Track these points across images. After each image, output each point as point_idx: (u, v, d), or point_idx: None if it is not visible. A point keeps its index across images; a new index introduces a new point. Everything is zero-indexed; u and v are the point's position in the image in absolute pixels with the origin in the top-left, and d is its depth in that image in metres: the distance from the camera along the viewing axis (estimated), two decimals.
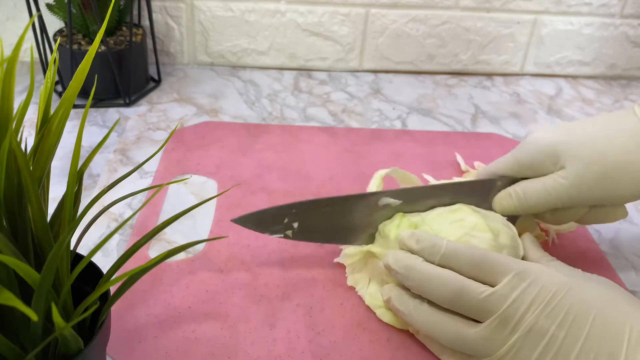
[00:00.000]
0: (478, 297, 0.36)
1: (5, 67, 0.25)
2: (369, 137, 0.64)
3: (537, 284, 0.35)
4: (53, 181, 0.34)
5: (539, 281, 0.35)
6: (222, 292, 0.44)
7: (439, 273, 0.38)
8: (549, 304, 0.34)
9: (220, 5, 0.74)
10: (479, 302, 0.36)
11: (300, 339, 0.41)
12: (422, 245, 0.39)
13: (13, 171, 0.27)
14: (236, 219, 0.44)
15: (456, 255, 0.38)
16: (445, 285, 0.37)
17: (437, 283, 0.37)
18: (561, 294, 0.35)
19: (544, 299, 0.35)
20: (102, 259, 0.46)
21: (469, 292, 0.36)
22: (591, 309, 0.34)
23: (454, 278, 0.37)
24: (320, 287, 0.45)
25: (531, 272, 0.36)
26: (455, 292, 0.36)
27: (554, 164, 0.43)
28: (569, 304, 0.34)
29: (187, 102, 0.69)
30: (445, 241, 0.39)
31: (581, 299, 0.35)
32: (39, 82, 0.70)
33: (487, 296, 0.35)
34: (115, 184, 0.34)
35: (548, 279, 0.36)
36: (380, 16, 0.75)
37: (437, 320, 0.38)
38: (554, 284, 0.35)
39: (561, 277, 0.36)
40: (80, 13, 0.64)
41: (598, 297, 0.35)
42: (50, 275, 0.26)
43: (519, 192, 0.44)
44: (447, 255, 0.38)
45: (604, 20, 0.79)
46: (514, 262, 0.37)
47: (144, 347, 0.39)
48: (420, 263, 0.39)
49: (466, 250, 0.38)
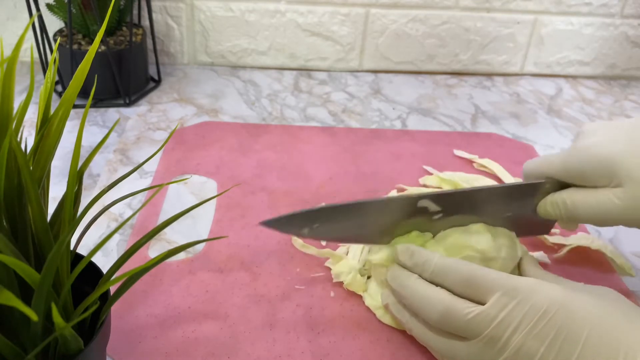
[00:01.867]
0: (464, 317, 0.35)
1: (5, 67, 0.25)
2: (369, 137, 0.64)
3: (526, 303, 0.34)
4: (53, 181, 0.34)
5: (528, 299, 0.34)
6: (222, 292, 0.44)
7: (427, 293, 0.37)
8: (537, 324, 0.33)
9: (220, 5, 0.74)
10: (465, 322, 0.35)
11: (300, 339, 0.41)
12: (415, 261, 0.39)
13: (13, 171, 0.27)
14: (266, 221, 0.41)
15: (445, 272, 0.37)
16: (433, 306, 0.36)
17: (426, 302, 0.37)
18: (551, 312, 0.33)
19: (532, 319, 0.33)
20: (102, 259, 0.46)
21: (455, 312, 0.35)
22: (583, 328, 0.32)
23: (441, 298, 0.36)
24: (320, 287, 0.45)
25: (520, 290, 0.34)
26: (442, 312, 0.36)
27: (608, 179, 0.38)
28: (559, 323, 0.33)
29: (187, 102, 0.69)
30: (436, 257, 0.38)
31: (573, 318, 0.33)
32: (39, 82, 0.70)
33: (474, 317, 0.35)
34: (115, 184, 0.34)
35: (538, 296, 0.34)
36: (380, 16, 0.76)
37: (429, 333, 0.38)
38: (544, 302, 0.33)
39: (553, 294, 0.34)
40: (80, 13, 0.64)
41: (592, 316, 0.33)
42: (50, 275, 0.26)
43: (568, 203, 0.40)
44: (436, 272, 0.37)
45: (604, 20, 0.79)
46: (503, 279, 0.35)
47: (144, 347, 0.39)
48: (413, 281, 0.38)
49: (455, 267, 0.37)
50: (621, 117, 0.74)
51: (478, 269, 0.37)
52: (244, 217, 0.51)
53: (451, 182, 0.54)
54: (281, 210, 0.52)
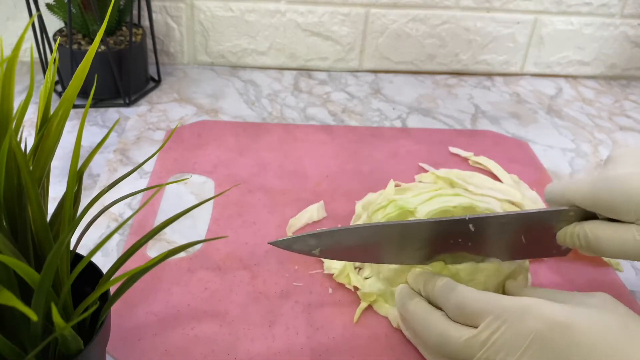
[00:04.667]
0: (458, 341, 0.35)
1: (5, 67, 0.25)
2: (366, 136, 0.64)
3: (518, 325, 0.33)
4: (53, 181, 0.34)
5: (520, 321, 0.33)
6: (220, 289, 0.44)
7: (425, 317, 0.38)
8: (530, 346, 0.32)
9: (220, 5, 0.74)
10: (459, 346, 0.35)
11: (299, 336, 0.41)
12: (416, 284, 0.40)
13: (13, 171, 0.27)
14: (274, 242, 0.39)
15: (440, 297, 0.38)
16: (430, 330, 0.37)
17: (423, 326, 0.38)
18: (545, 334, 0.32)
19: (525, 341, 0.33)
20: (102, 259, 0.46)
21: (449, 337, 0.36)
22: (583, 347, 0.31)
23: (436, 322, 0.37)
24: (319, 284, 0.45)
25: (510, 312, 0.34)
26: (438, 336, 0.36)
27: (636, 214, 0.36)
28: (551, 347, 0.32)
29: (187, 102, 0.69)
30: (437, 281, 0.38)
31: (572, 337, 0.32)
32: (38, 82, 0.70)
33: (465, 341, 0.35)
34: (115, 184, 0.34)
35: (530, 318, 0.33)
36: (380, 16, 0.75)
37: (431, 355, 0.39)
38: (537, 324, 0.33)
39: (547, 313, 0.33)
40: (80, 13, 0.64)
41: (592, 333, 0.32)
42: (50, 275, 0.26)
43: (590, 237, 0.38)
44: (436, 296, 0.38)
45: (604, 20, 0.79)
46: (492, 302, 0.35)
47: (144, 344, 0.39)
48: (414, 304, 0.39)
49: (448, 292, 0.37)
50: (621, 117, 0.74)
51: (470, 292, 0.36)
52: (241, 216, 0.51)
53: (447, 180, 0.55)
54: (278, 208, 0.52)
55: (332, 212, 0.52)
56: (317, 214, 0.51)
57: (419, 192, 0.46)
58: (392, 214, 0.43)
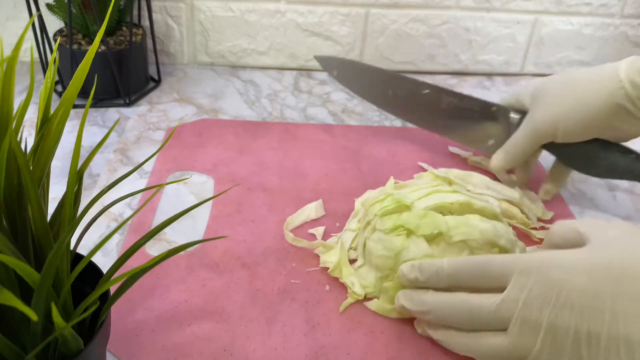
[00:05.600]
0: (490, 309, 0.35)
1: (5, 67, 0.25)
2: (365, 135, 0.64)
3: (543, 276, 0.34)
4: (53, 181, 0.34)
5: (545, 273, 0.34)
6: (218, 286, 0.44)
7: (447, 300, 0.37)
8: (558, 297, 0.33)
9: (220, 5, 0.74)
10: (493, 314, 0.35)
11: (296, 332, 0.41)
12: (427, 274, 0.39)
13: (13, 171, 0.27)
14: None
15: (459, 272, 0.37)
16: (457, 310, 0.37)
17: (449, 311, 0.37)
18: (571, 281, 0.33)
19: (552, 296, 0.33)
20: (102, 259, 0.46)
21: (480, 308, 0.35)
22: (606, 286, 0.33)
23: (461, 300, 0.37)
24: (315, 281, 0.45)
25: (533, 265, 0.35)
26: (468, 313, 0.36)
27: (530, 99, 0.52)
28: (580, 289, 0.33)
29: (187, 102, 0.69)
30: (445, 262, 0.38)
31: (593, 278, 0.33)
32: (39, 82, 0.70)
33: (498, 306, 0.35)
34: (115, 184, 0.34)
35: (555, 268, 0.34)
36: (380, 16, 0.76)
37: (466, 341, 0.37)
38: (561, 273, 0.34)
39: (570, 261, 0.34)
40: (80, 13, 0.64)
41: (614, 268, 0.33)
42: (50, 275, 0.26)
43: None
44: (452, 275, 0.38)
45: (604, 20, 0.79)
46: (515, 260, 0.36)
47: (141, 340, 0.40)
48: (431, 296, 0.39)
49: (466, 263, 0.37)
50: None
51: (487, 257, 0.37)
52: (240, 213, 0.51)
53: (445, 179, 0.55)
54: (277, 207, 0.52)
55: (330, 210, 0.52)
56: (315, 212, 0.52)
57: (418, 188, 0.46)
58: (389, 207, 0.44)
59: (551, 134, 0.50)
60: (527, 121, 0.52)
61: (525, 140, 0.52)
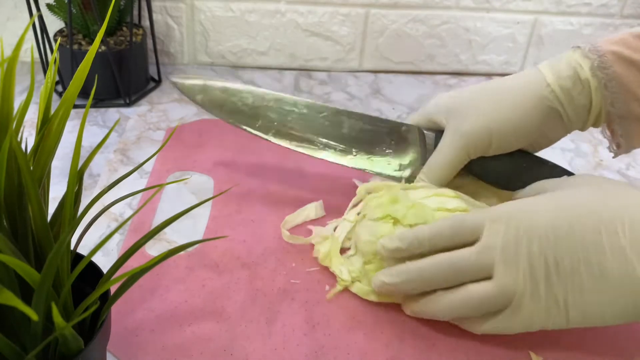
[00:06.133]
0: (470, 258, 0.37)
1: (5, 67, 0.25)
2: None
3: (513, 220, 0.37)
4: (53, 181, 0.34)
5: (514, 216, 0.37)
6: (218, 286, 0.44)
7: (427, 262, 0.39)
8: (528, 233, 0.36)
9: (220, 5, 0.74)
10: (473, 262, 0.37)
11: (296, 332, 0.41)
12: (408, 241, 0.40)
13: (13, 171, 0.27)
14: None
15: (437, 233, 0.39)
16: (440, 268, 0.38)
17: (432, 271, 0.38)
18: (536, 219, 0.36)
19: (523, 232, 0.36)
20: (102, 259, 0.46)
21: (461, 260, 0.37)
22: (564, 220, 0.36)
23: (441, 258, 0.38)
24: (315, 281, 0.45)
25: (502, 213, 0.38)
26: (450, 267, 0.38)
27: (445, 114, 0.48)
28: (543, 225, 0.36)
29: (187, 102, 0.69)
30: (424, 227, 0.40)
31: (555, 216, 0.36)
32: (39, 82, 0.70)
33: (478, 253, 0.37)
34: (115, 184, 0.34)
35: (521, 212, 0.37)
36: (380, 16, 0.76)
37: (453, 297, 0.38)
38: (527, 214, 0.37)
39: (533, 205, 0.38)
40: (80, 13, 0.64)
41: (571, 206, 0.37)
42: (51, 275, 0.26)
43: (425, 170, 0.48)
44: (431, 237, 0.39)
45: (604, 20, 0.79)
46: (485, 212, 0.38)
47: (141, 340, 0.40)
48: (410, 263, 0.40)
49: (443, 224, 0.39)
50: None
51: (461, 215, 0.40)
52: (240, 213, 0.51)
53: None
54: (277, 207, 0.52)
55: (331, 210, 0.52)
56: (315, 212, 0.52)
57: (424, 187, 0.47)
58: (381, 199, 0.44)
59: (485, 144, 0.46)
60: (452, 136, 0.47)
61: (455, 155, 0.46)
